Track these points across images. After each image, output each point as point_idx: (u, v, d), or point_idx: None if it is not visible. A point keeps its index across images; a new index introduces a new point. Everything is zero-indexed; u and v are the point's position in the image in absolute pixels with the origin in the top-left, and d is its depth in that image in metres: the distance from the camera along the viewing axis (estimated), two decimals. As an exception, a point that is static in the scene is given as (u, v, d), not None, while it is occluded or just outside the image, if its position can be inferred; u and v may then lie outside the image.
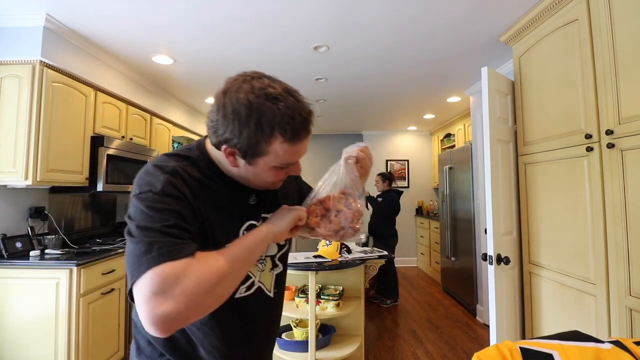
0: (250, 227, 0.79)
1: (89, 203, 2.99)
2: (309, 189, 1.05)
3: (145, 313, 0.53)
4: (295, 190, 1.00)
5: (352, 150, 0.84)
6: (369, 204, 4.09)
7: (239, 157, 0.70)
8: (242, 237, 0.70)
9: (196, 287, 0.56)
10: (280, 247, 0.90)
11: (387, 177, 4.08)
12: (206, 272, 0.59)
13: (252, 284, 0.83)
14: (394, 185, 4.21)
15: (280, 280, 0.91)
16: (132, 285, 0.56)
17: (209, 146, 0.76)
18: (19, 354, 1.99)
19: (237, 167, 0.72)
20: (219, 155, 0.74)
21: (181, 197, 0.66)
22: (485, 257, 1.92)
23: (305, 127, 0.69)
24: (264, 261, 0.86)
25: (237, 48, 2.61)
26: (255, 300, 0.82)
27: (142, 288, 0.54)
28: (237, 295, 0.78)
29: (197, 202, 0.69)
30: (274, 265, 0.89)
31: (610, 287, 1.48)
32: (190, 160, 0.75)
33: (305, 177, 1.08)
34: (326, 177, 0.86)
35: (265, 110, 0.64)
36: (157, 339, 0.76)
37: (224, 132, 0.67)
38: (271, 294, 0.86)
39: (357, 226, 0.80)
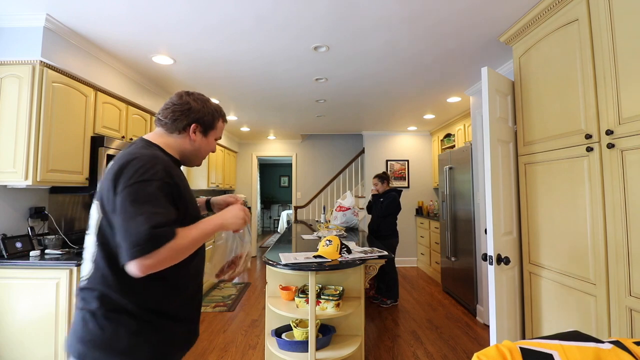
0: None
1: (89, 203, 2.99)
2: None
3: None
4: None
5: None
6: (372, 208, 4.09)
7: (200, 133, 1.14)
8: (204, 223, 1.02)
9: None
10: None
11: (385, 177, 4.08)
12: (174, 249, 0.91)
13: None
14: (391, 184, 4.21)
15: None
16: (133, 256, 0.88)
17: (156, 140, 1.09)
18: (19, 354, 1.99)
19: (194, 141, 1.13)
20: (170, 143, 1.11)
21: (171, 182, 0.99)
22: (485, 257, 1.92)
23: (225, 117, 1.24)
24: None
25: (238, 48, 2.61)
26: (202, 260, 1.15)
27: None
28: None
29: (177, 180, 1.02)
30: None
31: (610, 288, 1.48)
32: (157, 148, 1.08)
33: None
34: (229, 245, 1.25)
35: (212, 105, 1.18)
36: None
37: (194, 115, 1.11)
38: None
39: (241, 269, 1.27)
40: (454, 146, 5.02)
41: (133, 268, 0.85)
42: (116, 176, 0.92)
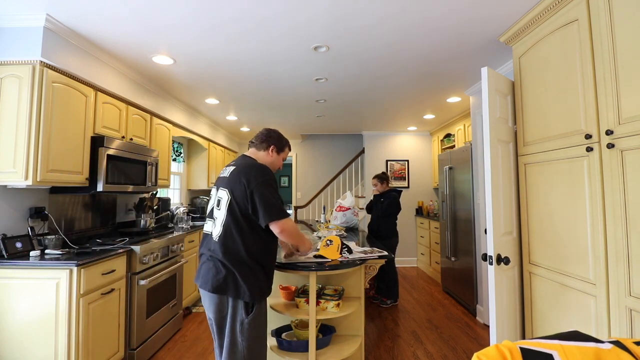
0: None
1: (89, 203, 2.99)
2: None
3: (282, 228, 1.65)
4: None
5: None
6: (372, 208, 4.09)
7: (275, 152, 1.86)
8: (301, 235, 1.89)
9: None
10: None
11: (384, 178, 4.08)
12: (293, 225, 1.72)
13: None
14: (391, 184, 4.21)
15: None
16: (277, 219, 1.60)
17: (255, 155, 1.84)
18: (19, 354, 1.99)
19: (272, 157, 1.85)
20: (259, 156, 1.83)
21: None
22: (485, 257, 1.92)
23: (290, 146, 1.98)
24: None
25: (238, 48, 2.61)
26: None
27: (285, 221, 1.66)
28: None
29: None
30: None
31: (610, 288, 1.48)
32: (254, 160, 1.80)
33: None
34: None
35: (284, 138, 1.94)
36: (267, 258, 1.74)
37: (272, 141, 1.86)
38: None
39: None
40: (454, 146, 5.02)
41: (274, 226, 1.60)
42: (248, 175, 1.63)
